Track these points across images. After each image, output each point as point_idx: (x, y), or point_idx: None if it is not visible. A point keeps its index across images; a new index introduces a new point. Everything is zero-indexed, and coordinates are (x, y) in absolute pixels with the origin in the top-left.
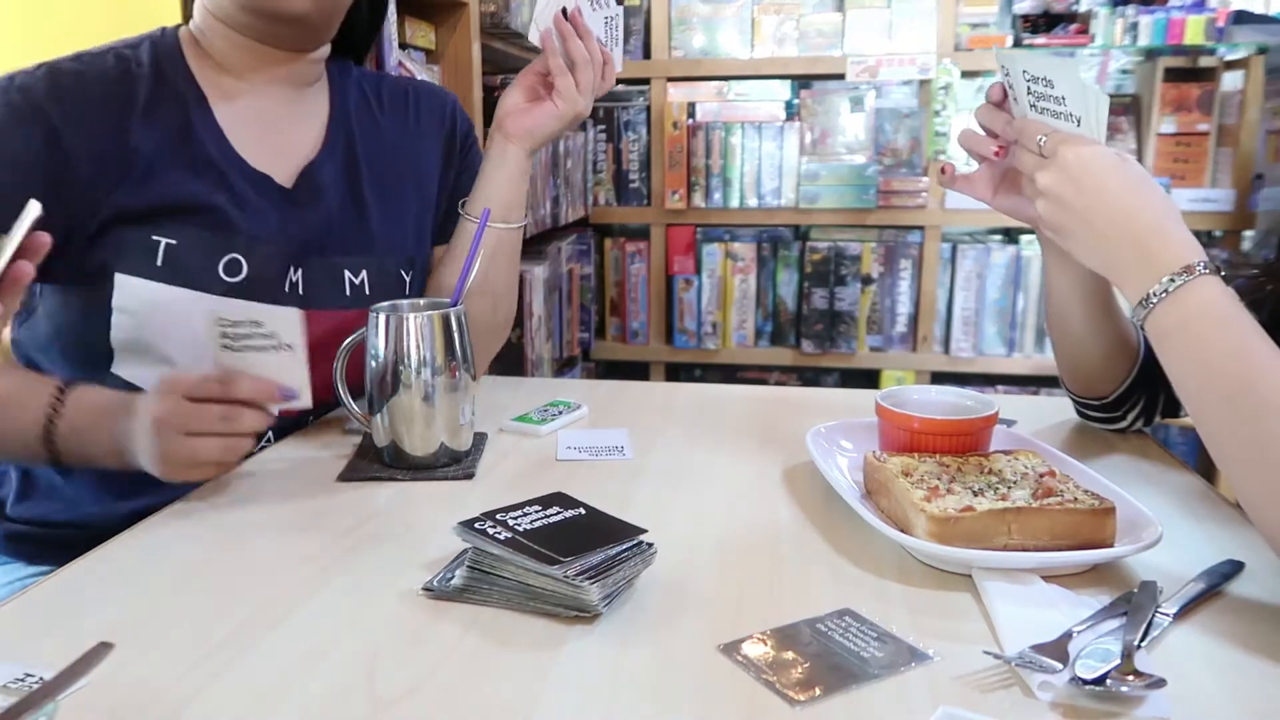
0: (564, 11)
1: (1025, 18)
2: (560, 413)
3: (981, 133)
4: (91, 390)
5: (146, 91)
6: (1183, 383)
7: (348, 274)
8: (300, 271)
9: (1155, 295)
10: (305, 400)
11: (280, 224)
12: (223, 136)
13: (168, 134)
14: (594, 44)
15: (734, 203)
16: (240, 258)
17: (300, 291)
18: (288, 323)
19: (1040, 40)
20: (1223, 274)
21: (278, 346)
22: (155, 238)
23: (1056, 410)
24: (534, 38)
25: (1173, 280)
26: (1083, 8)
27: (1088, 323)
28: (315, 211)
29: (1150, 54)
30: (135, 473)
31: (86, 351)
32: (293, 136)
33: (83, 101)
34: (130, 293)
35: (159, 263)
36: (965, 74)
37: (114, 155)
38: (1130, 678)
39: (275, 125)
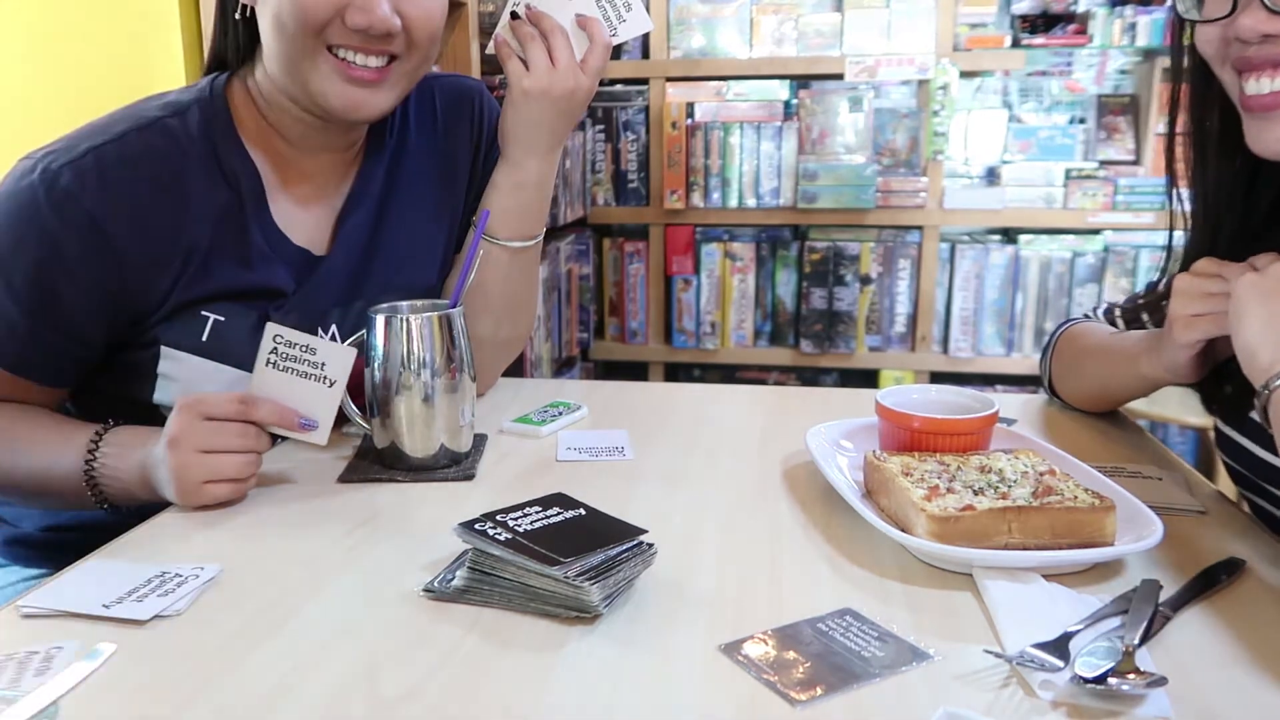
0: (514, 15)
1: (1024, 18)
2: (560, 413)
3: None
4: (127, 428)
5: (199, 175)
6: None
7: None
8: (334, 327)
9: None
10: (322, 438)
11: (318, 289)
12: (274, 227)
13: (221, 228)
14: (551, 21)
15: (733, 203)
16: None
17: (335, 339)
18: (340, 361)
19: (1039, 40)
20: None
21: (319, 379)
22: (204, 313)
23: (1056, 409)
24: (490, 49)
25: None
26: (1081, 8)
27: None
28: (348, 268)
29: (1148, 54)
30: None
31: (128, 406)
32: (329, 195)
33: (133, 201)
34: (177, 363)
35: (204, 337)
36: (964, 74)
37: (168, 256)
38: (1131, 676)
39: (320, 191)
